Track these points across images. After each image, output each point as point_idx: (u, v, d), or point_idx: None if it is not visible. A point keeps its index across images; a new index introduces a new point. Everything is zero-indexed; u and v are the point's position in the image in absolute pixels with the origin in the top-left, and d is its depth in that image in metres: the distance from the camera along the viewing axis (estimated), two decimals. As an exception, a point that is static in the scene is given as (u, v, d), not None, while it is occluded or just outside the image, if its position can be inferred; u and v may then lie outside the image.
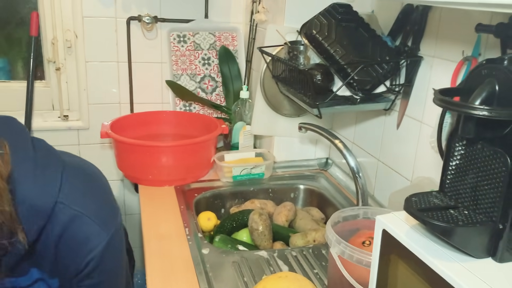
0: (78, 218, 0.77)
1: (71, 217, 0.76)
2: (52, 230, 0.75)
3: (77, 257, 0.78)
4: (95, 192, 0.83)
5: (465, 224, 0.55)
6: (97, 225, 0.79)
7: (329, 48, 1.16)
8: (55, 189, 0.75)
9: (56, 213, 0.74)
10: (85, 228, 0.78)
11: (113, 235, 0.81)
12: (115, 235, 0.82)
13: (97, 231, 0.79)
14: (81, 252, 0.78)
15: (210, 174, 1.56)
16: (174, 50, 1.83)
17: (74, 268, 0.78)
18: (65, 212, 0.75)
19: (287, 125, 1.59)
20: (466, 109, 0.52)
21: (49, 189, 0.74)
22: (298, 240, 1.21)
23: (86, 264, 0.78)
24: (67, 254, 0.78)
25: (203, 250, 1.12)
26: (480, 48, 0.94)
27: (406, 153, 1.21)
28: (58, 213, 0.75)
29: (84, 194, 0.80)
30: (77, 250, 0.78)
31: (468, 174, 0.60)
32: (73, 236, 0.77)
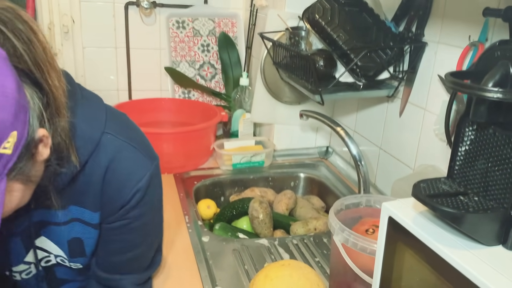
0: (124, 148, 0.77)
1: (117, 147, 0.76)
2: (99, 161, 0.74)
3: (125, 187, 0.77)
4: (135, 127, 0.84)
5: (475, 211, 0.54)
6: (142, 155, 0.79)
7: (332, 33, 1.14)
8: (102, 119, 0.75)
9: (103, 143, 0.74)
10: (132, 158, 0.78)
11: (156, 165, 0.81)
12: (158, 167, 0.82)
13: (143, 161, 0.79)
14: (129, 183, 0.77)
15: (209, 162, 1.55)
16: (173, 36, 1.80)
17: (120, 200, 0.77)
18: (112, 142, 0.75)
19: (287, 113, 1.57)
20: (479, 92, 0.50)
21: (96, 119, 0.75)
22: (299, 229, 1.20)
23: (133, 194, 0.77)
24: (114, 185, 0.76)
25: (203, 238, 1.10)
26: (487, 33, 0.92)
27: (409, 141, 1.20)
28: (106, 143, 0.75)
29: (127, 127, 0.81)
30: (125, 181, 0.77)
31: (478, 160, 0.59)
32: (121, 167, 0.76)
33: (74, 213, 0.78)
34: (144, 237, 0.85)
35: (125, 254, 0.84)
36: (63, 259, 0.83)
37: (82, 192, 0.76)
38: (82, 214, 0.79)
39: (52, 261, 0.84)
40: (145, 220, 0.82)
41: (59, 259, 0.84)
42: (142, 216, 0.81)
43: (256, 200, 1.25)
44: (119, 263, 0.85)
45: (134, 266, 0.87)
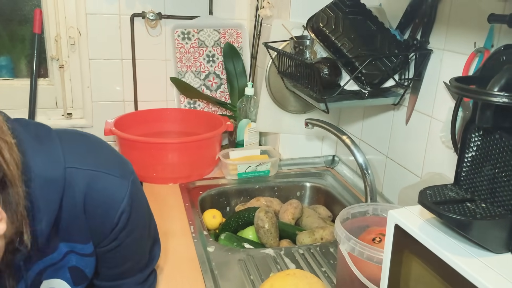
0: (94, 176, 0.73)
1: (86, 178, 0.73)
2: (73, 199, 0.72)
3: (108, 215, 0.75)
4: (98, 147, 0.80)
5: (483, 217, 0.53)
6: (114, 177, 0.75)
7: (336, 41, 1.14)
8: (59, 155, 0.71)
9: (69, 180, 0.71)
10: (106, 184, 0.74)
11: (133, 181, 0.78)
12: (135, 181, 0.80)
13: (118, 183, 0.75)
14: (111, 210, 0.75)
15: (215, 172, 1.54)
16: (179, 47, 1.81)
17: (108, 226, 0.76)
18: (79, 175, 0.72)
19: (292, 122, 1.57)
20: (485, 96, 0.49)
21: (53, 157, 0.71)
22: (305, 238, 1.19)
23: (118, 218, 0.76)
24: (97, 216, 0.75)
25: (209, 248, 1.10)
26: (493, 39, 0.91)
27: (415, 149, 1.19)
28: (72, 179, 0.71)
29: (88, 152, 0.77)
30: (106, 209, 0.75)
31: (484, 166, 0.58)
32: (98, 196, 0.73)
33: (65, 248, 0.77)
34: (139, 246, 0.85)
35: (124, 265, 0.85)
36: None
37: (68, 231, 0.74)
38: (74, 247, 0.78)
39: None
40: (137, 233, 0.82)
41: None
42: (133, 231, 0.80)
43: (262, 209, 1.24)
44: (119, 272, 0.85)
45: (135, 269, 0.88)
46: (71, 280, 0.81)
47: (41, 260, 0.75)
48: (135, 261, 0.86)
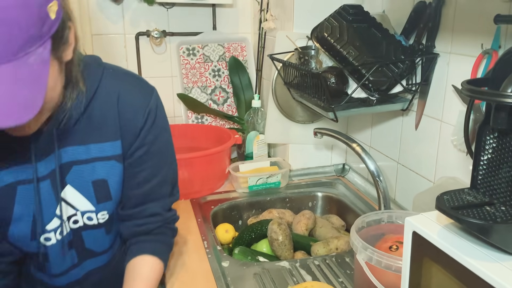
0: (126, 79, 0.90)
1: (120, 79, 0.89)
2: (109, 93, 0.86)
3: (138, 111, 0.88)
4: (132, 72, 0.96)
5: (503, 221, 0.52)
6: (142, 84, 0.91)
7: (341, 50, 1.14)
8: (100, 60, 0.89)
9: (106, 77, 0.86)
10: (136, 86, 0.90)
11: (156, 93, 0.92)
12: (157, 93, 0.93)
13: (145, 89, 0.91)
14: (140, 107, 0.88)
15: (225, 186, 1.54)
16: (184, 63, 1.83)
17: (137, 122, 0.88)
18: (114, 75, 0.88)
19: (301, 132, 1.57)
20: (499, 98, 0.49)
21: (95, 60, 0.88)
22: (320, 249, 1.17)
23: (147, 116, 0.88)
24: (128, 111, 0.87)
25: (223, 263, 1.09)
26: (500, 40, 0.91)
27: (427, 154, 1.18)
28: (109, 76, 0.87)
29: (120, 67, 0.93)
30: (136, 106, 0.88)
31: (502, 168, 0.57)
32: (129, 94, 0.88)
33: (95, 152, 0.86)
34: (163, 160, 0.95)
35: (150, 182, 0.92)
36: (90, 216, 0.89)
37: (100, 126, 0.86)
38: (102, 150, 0.86)
39: (80, 223, 0.89)
40: (161, 142, 0.92)
41: (86, 217, 0.89)
42: (157, 138, 0.91)
43: (275, 222, 1.23)
44: (146, 192, 0.93)
45: (160, 193, 0.95)
46: (95, 196, 0.88)
47: (71, 146, 0.84)
48: (160, 181, 0.94)
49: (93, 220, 0.90)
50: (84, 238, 0.91)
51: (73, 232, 0.89)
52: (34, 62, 0.63)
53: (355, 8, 1.19)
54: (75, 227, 0.89)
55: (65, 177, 0.85)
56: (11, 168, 0.81)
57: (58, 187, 0.84)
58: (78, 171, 0.85)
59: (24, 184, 0.82)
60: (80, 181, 0.86)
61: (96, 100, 0.84)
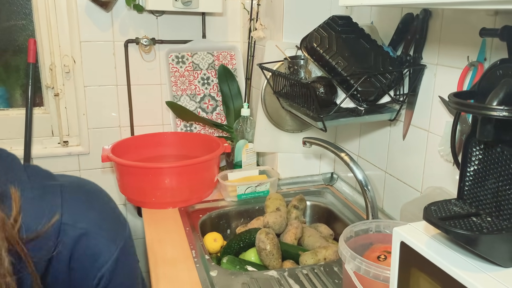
0: (84, 235, 0.72)
1: (77, 236, 0.72)
2: (61, 254, 0.71)
3: (88, 275, 0.74)
4: (99, 206, 0.78)
5: (489, 232, 0.53)
6: (104, 239, 0.74)
7: (330, 60, 1.15)
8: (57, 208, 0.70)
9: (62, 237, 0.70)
10: (93, 244, 0.73)
11: (122, 247, 0.76)
12: (125, 248, 0.77)
13: (106, 245, 0.74)
14: (92, 270, 0.74)
15: (214, 194, 1.54)
16: (173, 71, 1.82)
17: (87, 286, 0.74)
18: (70, 233, 0.71)
19: (290, 141, 1.57)
20: (485, 111, 0.50)
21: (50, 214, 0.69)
22: (308, 259, 1.17)
23: (98, 281, 0.74)
24: (78, 274, 0.73)
25: (211, 273, 1.08)
26: (485, 52, 0.92)
27: (414, 164, 1.19)
28: (64, 235, 0.70)
29: (87, 209, 0.75)
30: (88, 268, 0.73)
31: (488, 180, 0.58)
32: (82, 255, 0.72)
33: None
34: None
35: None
36: None
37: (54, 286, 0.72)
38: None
39: None
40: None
41: None
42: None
43: (263, 231, 1.23)
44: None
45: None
46: None
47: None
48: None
49: None
50: None
51: None
52: None
53: (344, 19, 1.20)
54: None
55: None
56: None
57: None
58: None
59: None
60: None
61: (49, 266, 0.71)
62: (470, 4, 0.58)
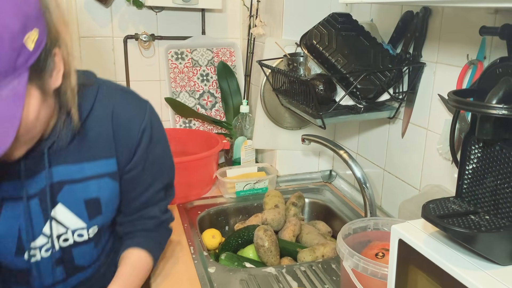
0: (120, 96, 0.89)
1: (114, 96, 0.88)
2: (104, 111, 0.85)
3: (132, 129, 0.88)
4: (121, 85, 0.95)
5: (488, 230, 0.53)
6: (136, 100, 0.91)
7: (330, 57, 1.15)
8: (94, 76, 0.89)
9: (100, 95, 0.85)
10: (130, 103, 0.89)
11: (150, 106, 0.92)
12: (151, 106, 0.93)
13: (139, 104, 0.90)
14: (134, 124, 0.88)
15: (212, 191, 1.54)
16: (172, 68, 1.82)
17: (132, 140, 0.88)
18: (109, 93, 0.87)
19: (289, 138, 1.57)
20: (484, 109, 0.50)
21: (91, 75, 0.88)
22: (306, 256, 1.18)
23: (142, 133, 0.89)
24: (123, 129, 0.87)
25: (210, 269, 1.08)
26: (485, 51, 0.92)
27: (413, 162, 1.19)
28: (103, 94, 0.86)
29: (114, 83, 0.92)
30: (131, 123, 0.88)
31: (486, 178, 0.58)
32: (123, 112, 0.87)
33: (88, 170, 0.85)
34: (160, 171, 0.96)
35: (147, 191, 0.95)
36: (80, 233, 0.88)
37: (94, 145, 0.85)
38: (96, 168, 0.86)
39: (70, 240, 0.88)
40: (158, 155, 0.94)
41: (77, 235, 0.88)
42: (154, 153, 0.92)
43: (261, 228, 1.23)
44: (144, 201, 0.96)
45: (157, 198, 0.97)
46: (87, 214, 0.87)
47: (63, 165, 0.83)
48: (157, 189, 0.96)
49: (84, 236, 0.89)
50: (74, 255, 0.91)
51: (62, 250, 0.88)
52: (7, 96, 0.61)
53: (344, 16, 1.20)
54: (65, 245, 0.88)
55: (56, 196, 0.83)
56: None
57: (48, 206, 0.82)
58: (70, 190, 0.84)
59: (10, 200, 0.81)
60: (72, 200, 0.85)
61: (90, 119, 0.84)
62: (469, 2, 0.58)
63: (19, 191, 0.80)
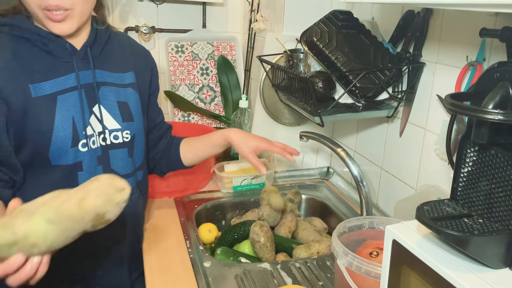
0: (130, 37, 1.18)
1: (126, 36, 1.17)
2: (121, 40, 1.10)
3: (149, 57, 1.17)
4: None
5: (480, 233, 0.53)
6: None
7: (330, 55, 1.15)
8: None
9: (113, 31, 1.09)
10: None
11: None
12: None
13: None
14: (149, 55, 1.18)
15: (210, 185, 1.54)
16: (172, 61, 1.82)
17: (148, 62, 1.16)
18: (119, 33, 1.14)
19: (287, 134, 1.57)
20: (480, 114, 0.50)
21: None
22: (302, 253, 1.18)
23: (153, 63, 1.19)
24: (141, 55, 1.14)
25: (205, 263, 1.09)
26: (484, 53, 0.92)
27: (410, 161, 1.19)
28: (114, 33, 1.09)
29: None
30: (146, 53, 1.17)
31: (481, 181, 0.58)
32: (137, 45, 1.16)
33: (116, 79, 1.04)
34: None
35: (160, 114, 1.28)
36: (116, 135, 1.02)
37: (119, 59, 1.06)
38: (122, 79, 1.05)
39: (107, 141, 1.01)
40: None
41: (113, 136, 1.02)
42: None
43: (257, 223, 1.23)
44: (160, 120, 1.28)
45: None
46: (120, 115, 1.03)
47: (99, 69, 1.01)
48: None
49: (119, 139, 1.03)
50: (110, 156, 1.02)
51: (102, 149, 1.01)
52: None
53: (345, 14, 1.20)
54: (104, 144, 1.01)
55: (97, 92, 0.99)
56: (53, 79, 0.93)
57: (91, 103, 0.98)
58: (105, 91, 1.00)
59: (63, 93, 0.93)
60: (107, 100, 1.01)
61: (112, 41, 1.06)
62: (468, 6, 0.58)
63: (70, 84, 0.95)
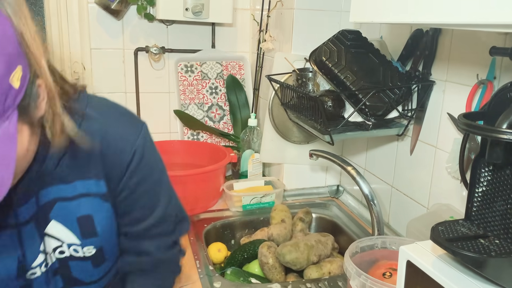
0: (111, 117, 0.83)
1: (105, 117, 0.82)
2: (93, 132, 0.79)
3: (123, 151, 0.82)
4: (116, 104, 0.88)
5: (498, 255, 0.52)
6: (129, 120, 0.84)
7: (339, 74, 1.15)
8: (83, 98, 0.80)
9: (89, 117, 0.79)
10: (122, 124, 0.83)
11: (145, 127, 0.86)
12: (147, 128, 0.86)
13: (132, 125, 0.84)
14: (125, 145, 0.82)
15: (219, 204, 1.54)
16: (182, 80, 1.84)
17: (122, 162, 0.82)
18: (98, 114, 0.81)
19: (296, 152, 1.57)
20: (495, 134, 0.50)
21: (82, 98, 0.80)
22: (313, 273, 1.17)
23: (132, 155, 0.82)
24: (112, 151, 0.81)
25: (215, 284, 1.08)
26: (495, 71, 0.92)
27: (421, 179, 1.18)
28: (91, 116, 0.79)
29: (107, 101, 0.86)
30: (121, 145, 0.82)
31: (496, 201, 0.57)
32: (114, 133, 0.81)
33: (80, 188, 0.82)
34: (156, 200, 0.88)
35: (145, 221, 0.87)
36: (76, 248, 0.84)
37: (85, 164, 0.81)
38: (88, 187, 0.82)
39: (66, 253, 0.85)
40: (151, 182, 0.86)
41: (72, 249, 0.85)
42: (146, 179, 0.85)
43: (264, 245, 1.22)
44: (141, 231, 0.88)
45: (157, 232, 0.89)
46: (80, 231, 0.83)
47: (55, 185, 0.80)
48: (156, 219, 0.88)
49: (79, 253, 0.85)
50: (71, 266, 0.87)
51: (59, 261, 0.86)
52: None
53: (354, 33, 1.21)
54: (61, 257, 0.85)
55: (49, 214, 0.81)
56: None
57: (41, 227, 0.80)
58: (62, 207, 0.82)
59: (6, 228, 0.78)
60: (64, 216, 0.82)
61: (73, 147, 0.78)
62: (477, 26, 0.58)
63: (14, 219, 0.78)
